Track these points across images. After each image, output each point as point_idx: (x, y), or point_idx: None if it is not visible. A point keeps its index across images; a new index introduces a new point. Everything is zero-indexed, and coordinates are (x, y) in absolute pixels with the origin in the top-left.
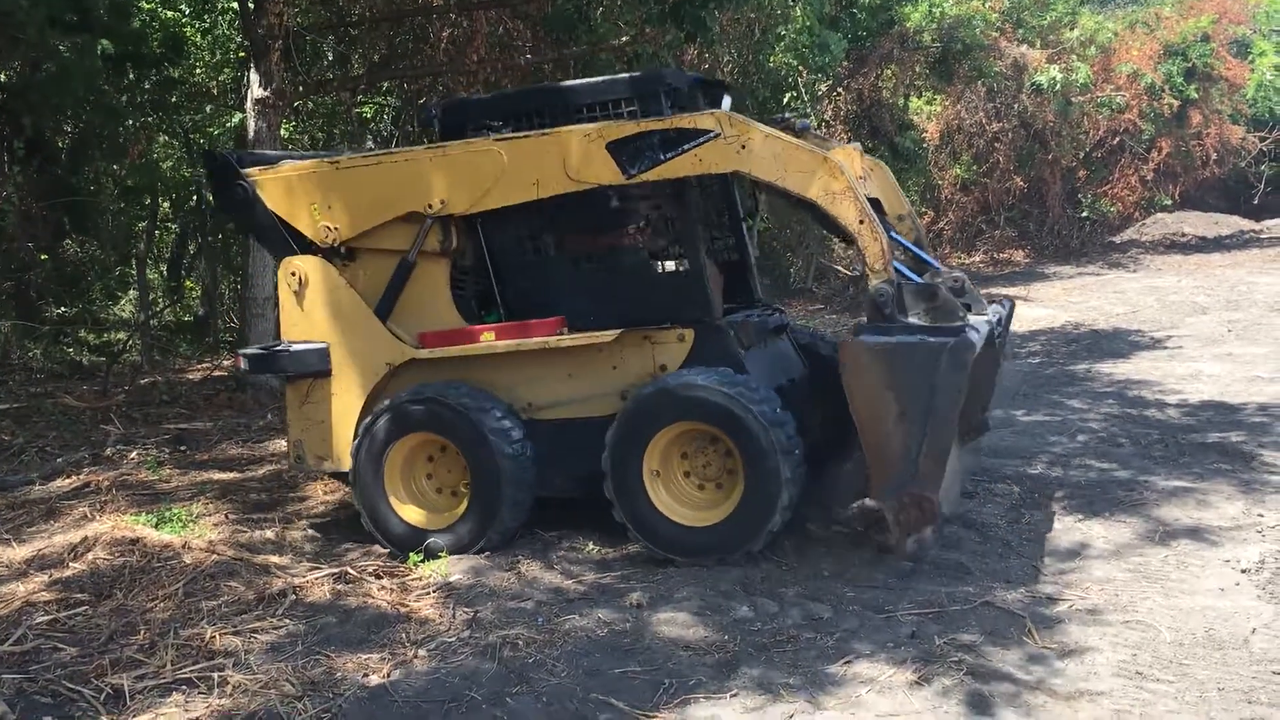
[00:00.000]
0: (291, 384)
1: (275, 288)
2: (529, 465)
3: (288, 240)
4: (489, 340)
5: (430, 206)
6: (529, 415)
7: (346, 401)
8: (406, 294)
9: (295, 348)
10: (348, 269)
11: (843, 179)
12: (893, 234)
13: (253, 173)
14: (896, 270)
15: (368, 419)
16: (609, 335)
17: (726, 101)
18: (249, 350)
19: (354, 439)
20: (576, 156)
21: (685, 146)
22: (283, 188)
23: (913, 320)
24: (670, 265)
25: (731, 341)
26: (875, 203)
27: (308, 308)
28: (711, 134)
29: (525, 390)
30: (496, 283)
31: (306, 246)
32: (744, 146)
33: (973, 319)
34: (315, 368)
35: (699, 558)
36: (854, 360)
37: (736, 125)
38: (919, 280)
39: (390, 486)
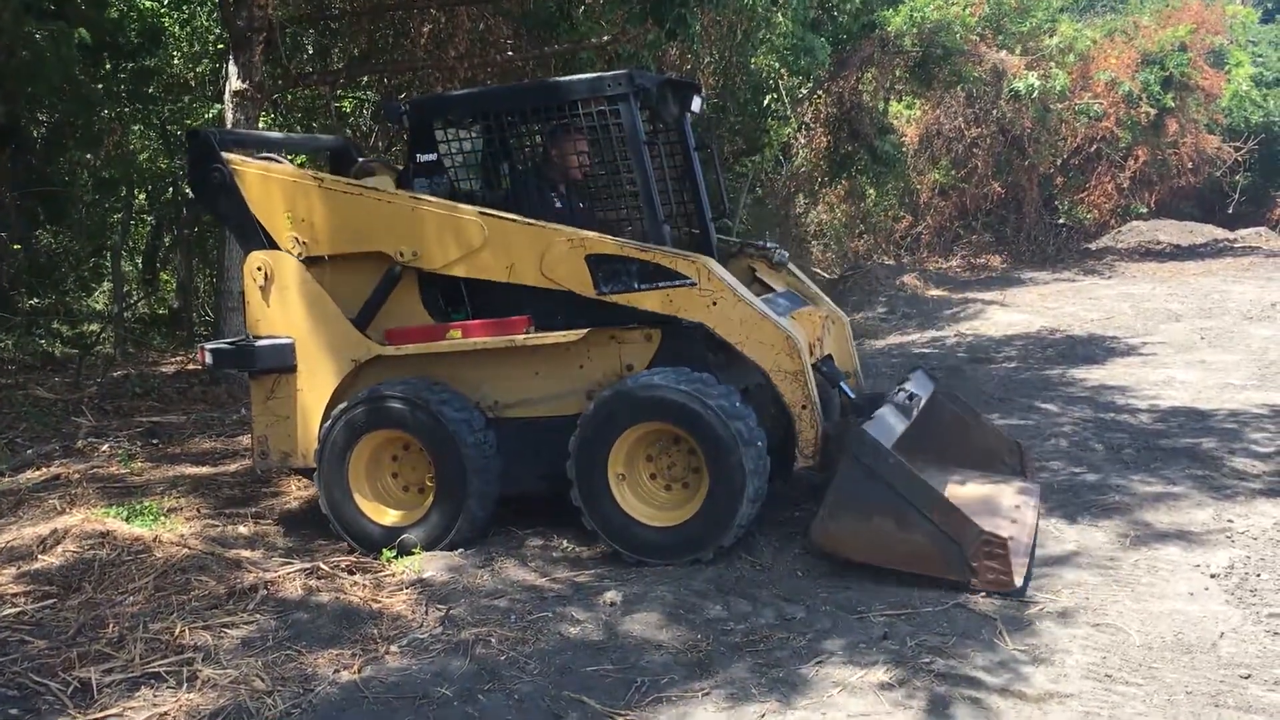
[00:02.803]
0: (256, 379)
1: None
2: (493, 456)
3: (257, 233)
4: (455, 338)
5: (400, 254)
6: (496, 414)
7: (312, 397)
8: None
9: (260, 343)
10: (313, 268)
11: (798, 361)
12: (842, 384)
13: (233, 159)
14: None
15: (328, 422)
16: (575, 334)
17: (697, 102)
18: (213, 345)
19: (317, 440)
20: (554, 257)
21: (659, 284)
22: (262, 184)
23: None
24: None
25: (698, 341)
26: (828, 357)
27: (273, 303)
28: (688, 280)
29: (492, 388)
30: (464, 281)
31: (274, 241)
32: (714, 303)
33: (875, 414)
34: (280, 363)
35: (672, 558)
36: (830, 539)
37: (713, 281)
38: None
39: (356, 486)
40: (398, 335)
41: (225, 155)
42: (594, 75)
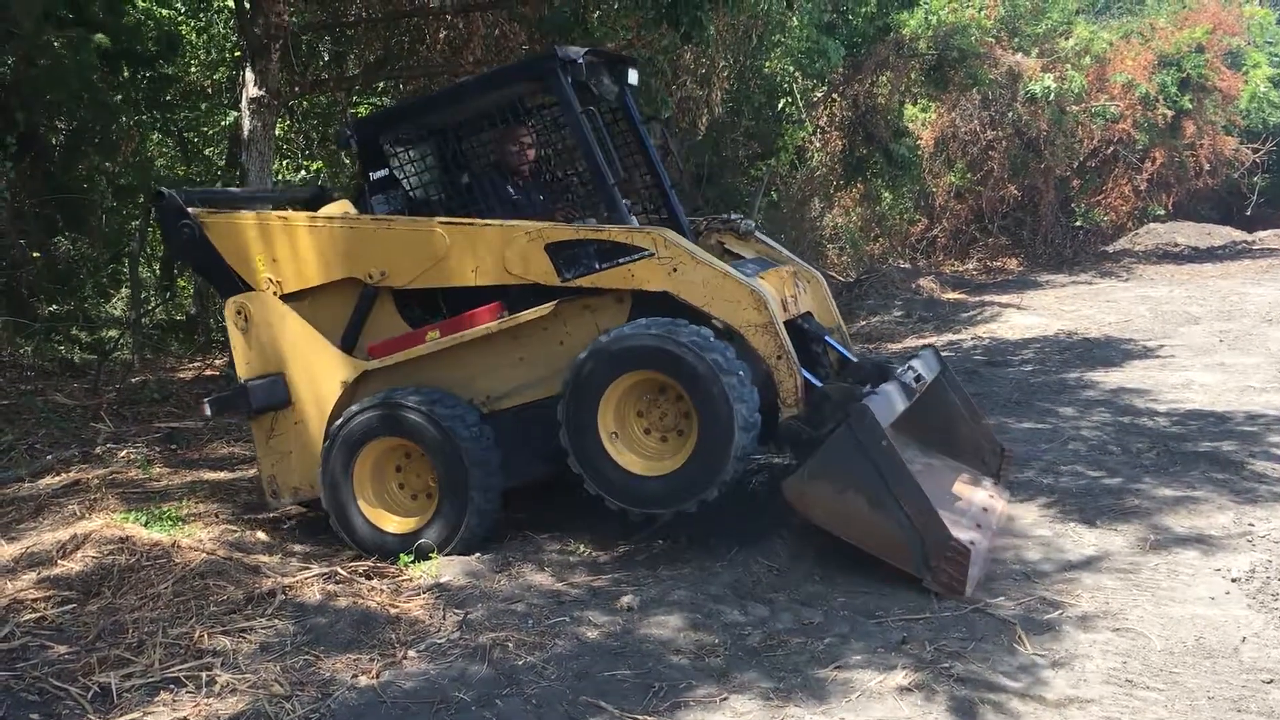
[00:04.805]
0: (255, 421)
1: None
2: (491, 447)
3: (235, 280)
4: (434, 338)
5: (370, 276)
6: (490, 407)
7: (310, 427)
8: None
9: (253, 383)
10: (292, 302)
11: (765, 314)
12: (827, 338)
13: (200, 214)
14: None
15: (325, 443)
16: (546, 308)
17: (633, 74)
18: (210, 397)
19: (320, 464)
20: (515, 253)
21: (620, 260)
22: (229, 233)
23: (824, 430)
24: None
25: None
26: (808, 315)
27: (256, 343)
28: (646, 252)
29: (482, 383)
30: (439, 288)
31: (250, 285)
32: (675, 269)
33: (880, 388)
34: (274, 399)
35: (678, 504)
36: (802, 498)
37: (670, 248)
38: (816, 384)
39: (363, 500)
40: (380, 348)
41: (192, 210)
42: (519, 60)
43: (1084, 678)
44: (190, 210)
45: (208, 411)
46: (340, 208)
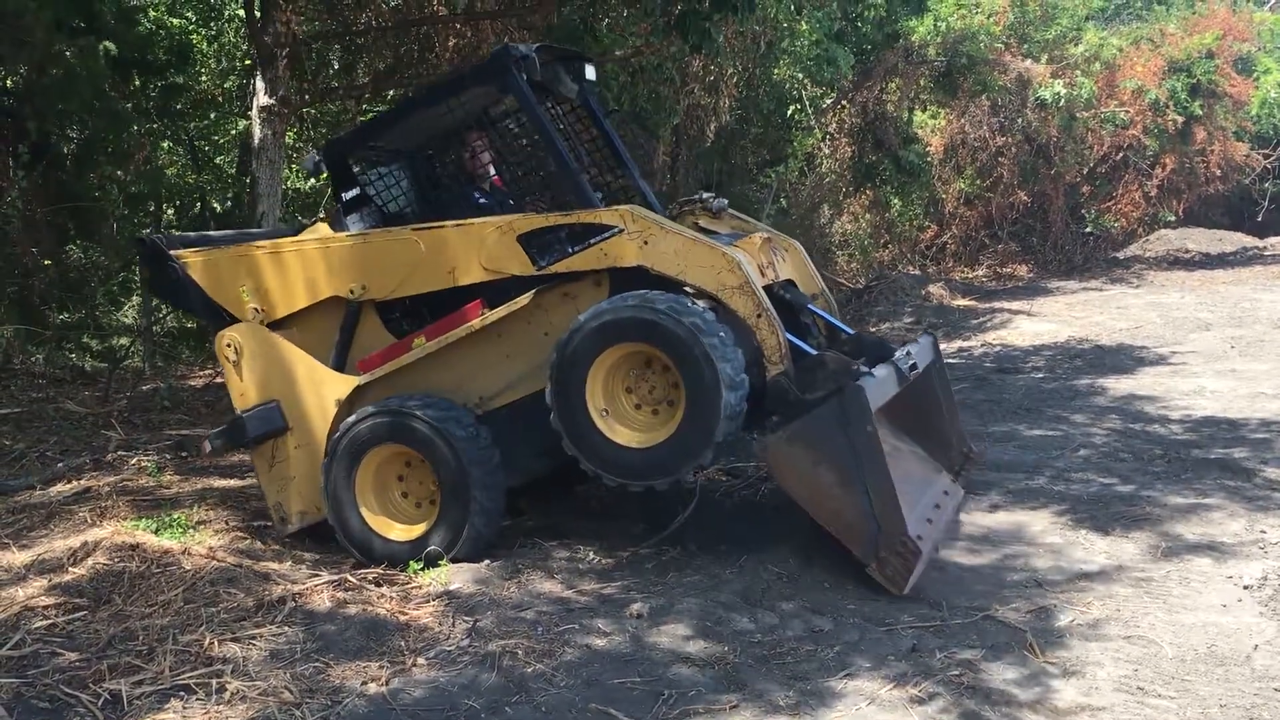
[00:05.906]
0: (256, 451)
1: None
2: (489, 447)
3: (222, 314)
4: (421, 344)
5: (352, 292)
6: (484, 409)
7: (310, 450)
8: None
9: (249, 414)
10: (280, 329)
11: (740, 274)
12: (810, 306)
13: (183, 254)
14: (790, 343)
15: (325, 458)
16: (524, 299)
17: (590, 70)
18: (211, 434)
19: (321, 483)
20: (489, 248)
21: (591, 241)
22: (211, 269)
23: (814, 395)
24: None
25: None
26: (790, 283)
27: (249, 373)
28: (615, 230)
29: (473, 385)
30: (421, 296)
31: (237, 317)
32: (646, 242)
33: (877, 370)
34: (272, 427)
35: (674, 473)
36: (777, 459)
37: (639, 222)
38: (810, 351)
39: (367, 511)
40: (368, 362)
41: (174, 252)
42: (472, 65)
43: (1095, 686)
44: (173, 253)
45: (208, 448)
46: (318, 229)
